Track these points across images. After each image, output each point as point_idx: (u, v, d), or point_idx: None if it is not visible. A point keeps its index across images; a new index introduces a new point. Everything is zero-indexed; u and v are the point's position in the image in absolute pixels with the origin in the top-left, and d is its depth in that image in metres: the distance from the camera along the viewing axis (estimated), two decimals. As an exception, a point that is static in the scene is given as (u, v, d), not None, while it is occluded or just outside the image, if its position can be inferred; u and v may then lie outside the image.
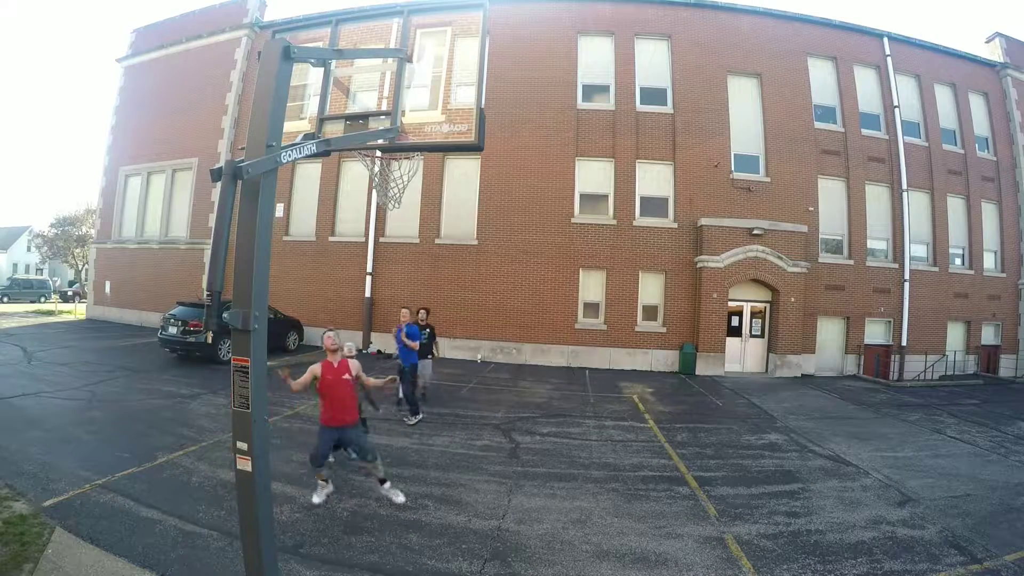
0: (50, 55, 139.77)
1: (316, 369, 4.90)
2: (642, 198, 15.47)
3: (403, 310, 8.37)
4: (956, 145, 17.18)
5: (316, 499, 4.96)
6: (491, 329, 15.25)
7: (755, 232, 14.41)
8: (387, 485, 5.15)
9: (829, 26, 16.58)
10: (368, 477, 5.40)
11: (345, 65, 3.44)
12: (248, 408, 2.63)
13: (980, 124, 17.61)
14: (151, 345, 13.55)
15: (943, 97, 17.31)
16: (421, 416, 8.10)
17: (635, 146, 15.39)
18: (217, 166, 2.43)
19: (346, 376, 4.99)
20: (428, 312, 9.11)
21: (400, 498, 5.08)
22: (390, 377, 5.86)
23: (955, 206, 17.06)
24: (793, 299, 14.59)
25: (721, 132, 15.47)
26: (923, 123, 16.87)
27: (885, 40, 16.64)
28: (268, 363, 2.81)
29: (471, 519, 4.85)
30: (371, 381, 5.51)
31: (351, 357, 5.23)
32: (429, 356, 8.95)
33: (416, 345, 8.15)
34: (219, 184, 2.44)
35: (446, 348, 15.27)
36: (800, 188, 15.54)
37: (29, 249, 50.57)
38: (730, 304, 14.79)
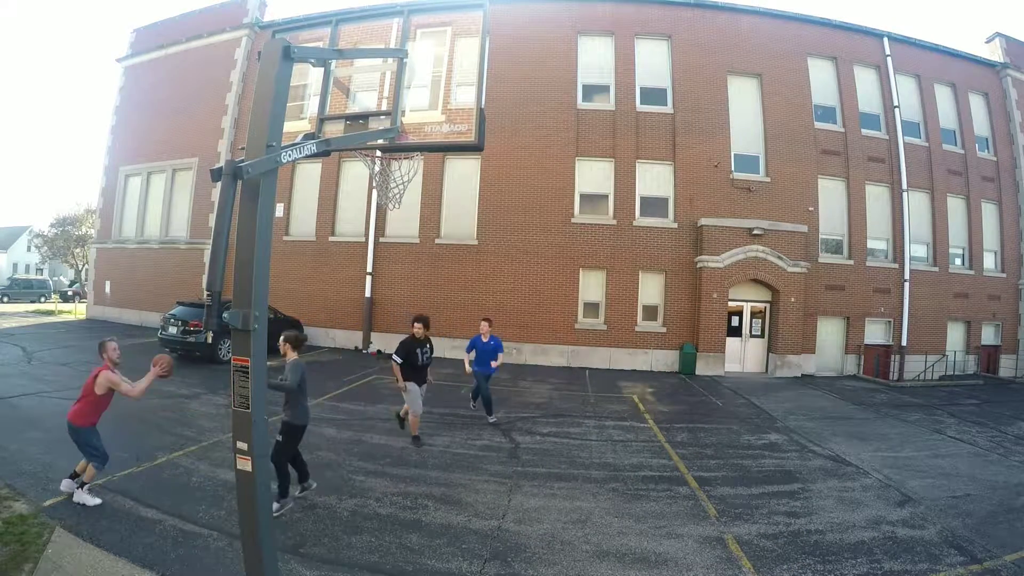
0: (50, 55, 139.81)
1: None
2: (642, 198, 15.46)
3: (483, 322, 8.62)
4: (956, 145, 17.17)
5: None
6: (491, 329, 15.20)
7: (755, 232, 14.41)
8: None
9: (829, 26, 16.57)
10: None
11: (345, 65, 3.44)
12: (248, 408, 2.63)
13: (980, 124, 17.60)
14: (151, 345, 13.53)
15: (943, 97, 17.29)
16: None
17: (635, 146, 15.38)
18: (217, 166, 2.44)
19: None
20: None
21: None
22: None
23: (955, 206, 17.05)
24: (793, 299, 14.58)
25: (721, 132, 15.46)
26: (923, 123, 16.85)
27: (885, 40, 16.63)
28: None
29: (471, 519, 4.84)
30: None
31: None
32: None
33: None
34: (219, 184, 2.44)
35: (446, 348, 15.26)
36: (800, 188, 15.53)
37: (29, 249, 50.65)
38: (730, 304, 14.78)
